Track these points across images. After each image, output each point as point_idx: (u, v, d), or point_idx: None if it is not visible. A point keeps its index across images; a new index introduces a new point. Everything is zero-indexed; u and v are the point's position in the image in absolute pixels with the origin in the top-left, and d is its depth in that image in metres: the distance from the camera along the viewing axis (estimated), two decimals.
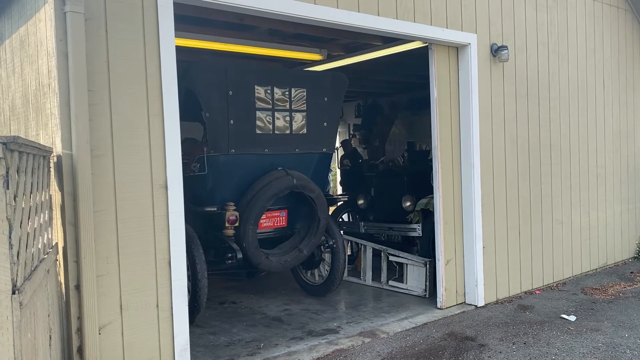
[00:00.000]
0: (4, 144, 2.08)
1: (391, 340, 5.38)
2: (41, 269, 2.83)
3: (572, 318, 5.90)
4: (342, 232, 7.62)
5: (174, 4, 4.15)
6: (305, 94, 6.26)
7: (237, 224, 5.86)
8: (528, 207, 7.07)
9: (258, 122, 5.96)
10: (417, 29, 5.79)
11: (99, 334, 3.75)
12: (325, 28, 5.49)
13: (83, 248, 3.64)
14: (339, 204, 8.91)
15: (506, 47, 6.49)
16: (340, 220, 9.03)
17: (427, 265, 6.79)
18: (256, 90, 5.91)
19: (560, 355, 4.88)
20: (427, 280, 6.80)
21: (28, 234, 2.56)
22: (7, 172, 2.12)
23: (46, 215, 3.36)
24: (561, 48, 7.54)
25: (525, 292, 7.00)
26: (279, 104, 6.08)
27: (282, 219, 6.47)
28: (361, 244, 7.83)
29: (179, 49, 4.36)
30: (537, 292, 7.07)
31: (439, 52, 6.17)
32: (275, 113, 6.07)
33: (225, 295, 7.33)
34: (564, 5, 7.57)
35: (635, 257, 8.94)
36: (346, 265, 7.17)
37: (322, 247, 6.81)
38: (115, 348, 3.88)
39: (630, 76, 8.84)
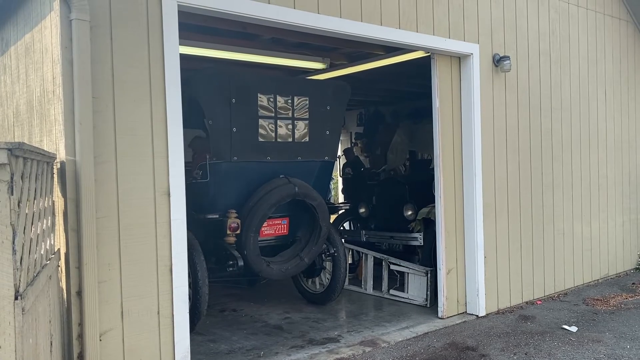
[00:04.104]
0: (9, 150, 2.09)
1: (392, 349, 5.36)
2: (43, 275, 2.84)
3: (574, 329, 5.88)
4: (343, 240, 7.62)
5: (179, 12, 4.18)
6: (307, 102, 6.28)
7: (238, 232, 5.87)
8: (529, 216, 7.07)
9: (260, 130, 5.98)
10: (420, 39, 5.82)
11: (100, 340, 3.75)
12: (328, 37, 5.52)
13: (85, 254, 3.65)
14: (341, 212, 8.91)
15: (508, 57, 6.52)
16: (342, 228, 9.02)
17: (429, 275, 6.78)
18: (259, 99, 5.94)
19: None
20: (429, 290, 6.79)
21: (31, 239, 2.57)
22: (12, 178, 2.13)
23: (49, 221, 3.38)
24: (563, 59, 7.57)
25: (527, 303, 6.99)
26: (282, 112, 6.11)
27: (284, 227, 6.48)
28: (362, 253, 7.82)
29: (183, 57, 4.38)
30: (539, 302, 7.05)
31: (441, 62, 6.19)
32: (278, 121, 6.09)
33: (226, 302, 7.32)
34: (566, 17, 7.61)
35: (637, 268, 8.92)
36: (347, 274, 7.16)
37: (323, 255, 6.80)
38: (116, 355, 3.88)
39: (632, 87, 8.86)
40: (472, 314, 6.41)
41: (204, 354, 5.32)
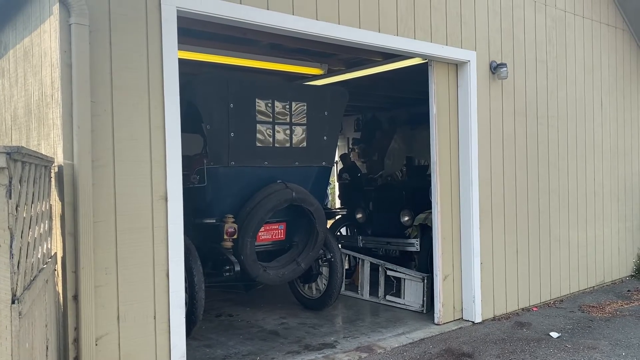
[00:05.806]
0: (7, 154, 2.09)
1: (388, 355, 5.36)
2: (40, 279, 2.84)
3: (555, 335, 5.88)
4: (340, 246, 7.61)
5: (178, 17, 4.20)
6: (305, 107, 6.30)
7: (235, 237, 5.87)
8: (526, 223, 7.09)
9: (258, 135, 5.99)
10: (417, 46, 5.85)
11: (96, 344, 3.74)
12: (326, 43, 5.54)
13: (82, 258, 3.64)
14: (338, 217, 8.91)
15: (505, 64, 6.55)
16: (339, 234, 9.03)
17: (425, 281, 6.79)
18: (257, 104, 5.95)
19: None
20: (425, 296, 6.79)
21: (28, 243, 2.57)
22: (10, 182, 2.13)
23: (46, 225, 3.37)
24: (560, 66, 7.61)
25: (523, 309, 7.00)
26: (280, 117, 6.12)
27: (281, 232, 6.48)
28: (359, 258, 7.82)
29: (182, 62, 4.39)
30: (535, 309, 7.06)
31: (438, 69, 6.22)
32: (276, 126, 6.11)
33: (222, 307, 7.31)
34: (563, 25, 7.66)
35: (632, 275, 8.94)
36: (344, 279, 7.16)
37: (320, 260, 6.81)
38: (111, 359, 3.87)
39: (627, 95, 8.91)
40: (468, 320, 6.42)
41: (200, 359, 5.31)
